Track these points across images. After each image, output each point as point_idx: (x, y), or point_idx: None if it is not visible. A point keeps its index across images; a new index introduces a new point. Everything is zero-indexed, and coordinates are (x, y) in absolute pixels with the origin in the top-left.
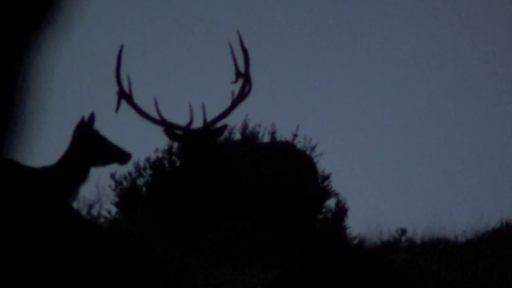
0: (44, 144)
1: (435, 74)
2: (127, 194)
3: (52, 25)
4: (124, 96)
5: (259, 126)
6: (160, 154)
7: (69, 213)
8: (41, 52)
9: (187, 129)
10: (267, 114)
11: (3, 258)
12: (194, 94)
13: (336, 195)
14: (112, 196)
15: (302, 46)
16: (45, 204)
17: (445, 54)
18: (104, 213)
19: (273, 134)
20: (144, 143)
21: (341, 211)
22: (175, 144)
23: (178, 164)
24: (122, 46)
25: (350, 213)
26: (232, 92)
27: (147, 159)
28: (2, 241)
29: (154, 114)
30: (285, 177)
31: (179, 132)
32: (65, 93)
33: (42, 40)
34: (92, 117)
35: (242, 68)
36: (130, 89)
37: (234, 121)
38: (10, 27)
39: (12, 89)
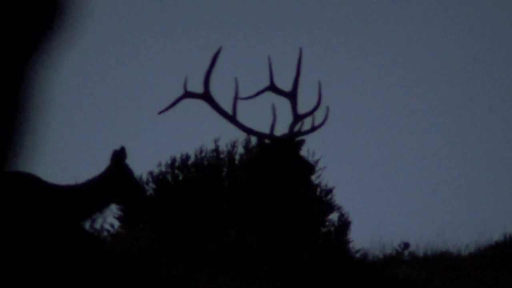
0: (48, 149)
1: (443, 90)
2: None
3: (58, 31)
4: (223, 113)
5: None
6: (163, 168)
7: (75, 231)
8: (46, 58)
9: (278, 137)
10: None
11: (3, 271)
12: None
13: (339, 208)
14: (115, 210)
15: (304, 60)
16: (52, 221)
17: (455, 72)
18: (107, 226)
19: None
20: (147, 157)
21: (344, 224)
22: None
23: (180, 178)
24: (220, 48)
25: (353, 227)
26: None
27: (150, 173)
28: (4, 252)
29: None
30: (286, 193)
31: (267, 141)
32: (70, 99)
33: (47, 46)
34: (123, 151)
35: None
36: (235, 106)
37: (237, 135)
38: (16, 33)
39: (16, 95)
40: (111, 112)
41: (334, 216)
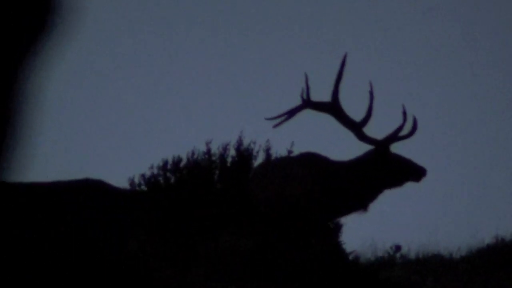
0: (42, 150)
1: (437, 92)
2: None
3: (52, 32)
4: (352, 125)
5: (254, 143)
6: (155, 171)
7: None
8: (41, 59)
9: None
10: (262, 131)
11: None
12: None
13: None
14: None
15: (297, 62)
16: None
17: (453, 73)
18: None
19: (268, 150)
20: (138, 159)
21: (336, 227)
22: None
23: (172, 180)
24: (346, 54)
25: (345, 230)
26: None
27: (142, 175)
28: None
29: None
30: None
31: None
32: (62, 101)
33: (42, 47)
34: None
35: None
36: (368, 115)
37: (229, 137)
38: (10, 34)
39: (10, 97)
40: (103, 114)
41: None
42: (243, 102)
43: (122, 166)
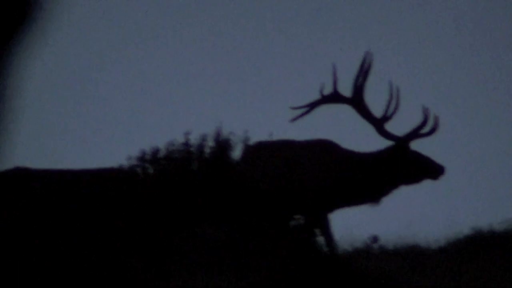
0: (18, 143)
1: (426, 87)
2: None
3: (31, 29)
4: (373, 120)
5: (233, 134)
6: (133, 161)
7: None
8: (18, 57)
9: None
10: (240, 122)
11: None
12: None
13: None
14: None
15: (277, 53)
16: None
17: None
18: None
19: (246, 142)
20: (116, 150)
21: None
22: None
23: (151, 171)
24: (368, 51)
25: None
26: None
27: (120, 167)
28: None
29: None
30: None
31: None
32: (41, 92)
33: (20, 45)
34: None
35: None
36: (393, 111)
37: (208, 128)
38: None
39: None
40: (80, 105)
41: None
42: (222, 93)
43: (100, 157)
